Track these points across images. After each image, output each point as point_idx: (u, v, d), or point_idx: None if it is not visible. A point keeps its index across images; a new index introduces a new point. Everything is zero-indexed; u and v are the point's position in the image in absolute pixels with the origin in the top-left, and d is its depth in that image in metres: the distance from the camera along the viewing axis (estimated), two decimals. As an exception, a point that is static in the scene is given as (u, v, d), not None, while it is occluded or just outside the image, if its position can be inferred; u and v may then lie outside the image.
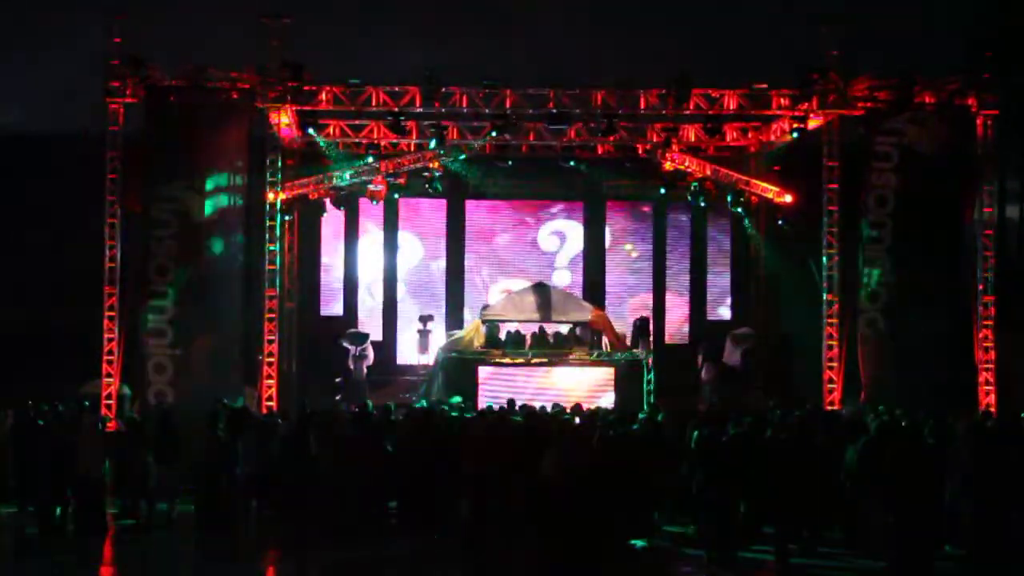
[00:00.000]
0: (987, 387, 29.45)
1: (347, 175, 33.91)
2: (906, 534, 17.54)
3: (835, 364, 29.68)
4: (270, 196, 30.26)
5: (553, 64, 33.85)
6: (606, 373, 32.08)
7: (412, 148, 34.66)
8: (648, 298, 39.14)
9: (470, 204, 38.90)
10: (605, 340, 33.56)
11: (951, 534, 18.87)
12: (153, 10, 30.89)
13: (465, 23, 37.15)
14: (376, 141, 34.16)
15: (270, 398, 29.27)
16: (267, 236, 30.06)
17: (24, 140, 35.26)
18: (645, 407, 28.87)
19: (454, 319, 37.96)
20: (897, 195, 29.72)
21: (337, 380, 34.00)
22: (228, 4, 34.33)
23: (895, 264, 29.72)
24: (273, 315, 29.85)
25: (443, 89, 30.18)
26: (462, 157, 34.66)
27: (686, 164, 34.28)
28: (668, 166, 34.49)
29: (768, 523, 19.94)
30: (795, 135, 30.95)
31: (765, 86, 30.78)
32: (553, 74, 31.41)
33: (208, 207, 29.11)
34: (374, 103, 30.52)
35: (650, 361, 33.70)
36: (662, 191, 36.23)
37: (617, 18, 37.77)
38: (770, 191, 34.33)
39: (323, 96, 30.34)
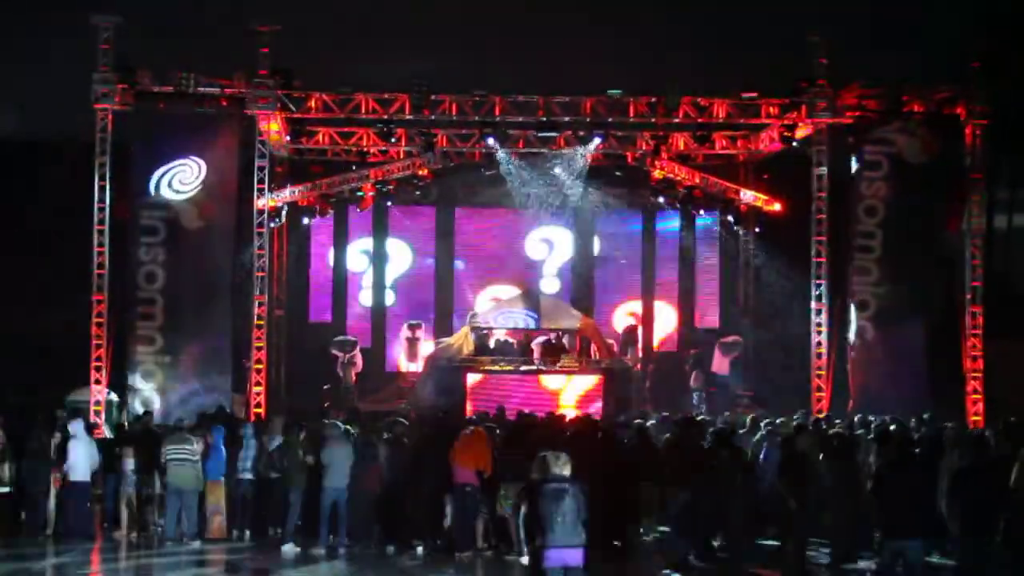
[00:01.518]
0: (975, 396, 29.50)
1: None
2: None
3: (823, 372, 29.70)
4: (259, 203, 30.24)
5: (542, 72, 33.83)
6: (594, 381, 32.06)
7: (401, 156, 34.66)
8: (637, 306, 39.12)
9: (459, 211, 38.89)
10: (593, 347, 33.56)
11: (940, 541, 18.90)
12: (143, 17, 30.81)
13: (455, 31, 37.15)
14: (366, 148, 34.17)
15: (258, 405, 29.24)
16: (256, 243, 30.04)
17: (13, 145, 35.23)
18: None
19: (443, 326, 37.93)
20: (887, 205, 29.78)
21: (325, 387, 33.97)
22: (218, 11, 34.29)
23: (885, 274, 29.76)
24: (262, 322, 29.82)
25: (432, 97, 30.21)
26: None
27: (675, 172, 34.31)
28: (657, 174, 34.49)
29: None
30: (793, 144, 31.07)
31: (755, 95, 30.83)
32: (542, 82, 31.44)
33: (197, 214, 29.11)
34: (363, 110, 30.56)
35: (638, 368, 33.80)
36: (651, 199, 36.34)
37: (607, 27, 37.80)
38: (759, 199, 34.40)
39: (312, 103, 30.39)
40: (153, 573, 20.49)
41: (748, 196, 34.58)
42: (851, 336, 29.95)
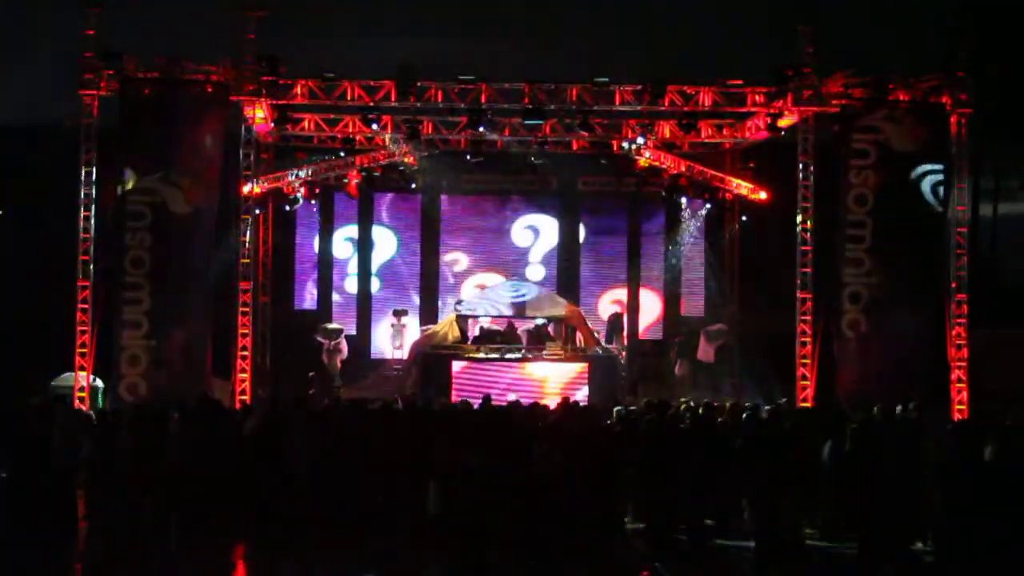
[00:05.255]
0: (959, 384, 29.56)
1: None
2: (875, 525, 17.79)
3: (808, 361, 29.71)
4: (245, 189, 30.23)
5: (528, 59, 33.82)
6: (579, 368, 32.09)
7: (387, 142, 34.65)
8: (622, 293, 39.18)
9: (444, 198, 38.94)
10: (578, 335, 33.57)
11: (924, 528, 19.00)
12: (128, 3, 30.75)
13: (440, 18, 37.15)
14: (351, 135, 34.17)
15: (243, 392, 29.24)
16: (241, 229, 30.03)
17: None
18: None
19: (428, 314, 37.97)
20: (876, 193, 29.73)
21: (311, 374, 33.98)
22: (203, -3, 34.31)
23: (876, 264, 29.71)
24: (247, 308, 29.79)
25: (418, 83, 30.18)
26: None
27: (661, 160, 34.34)
28: (643, 162, 34.54)
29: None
30: (782, 133, 31.05)
31: (740, 83, 30.83)
32: (528, 70, 31.38)
33: (183, 199, 29.01)
34: (349, 97, 30.52)
35: (623, 356, 33.80)
36: (636, 187, 36.43)
37: (592, 13, 37.84)
38: (744, 188, 34.44)
39: (298, 90, 30.31)
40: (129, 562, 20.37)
41: (733, 184, 34.62)
42: (842, 326, 29.84)
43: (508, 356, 32.19)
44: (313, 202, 36.58)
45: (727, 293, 37.45)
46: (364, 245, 38.81)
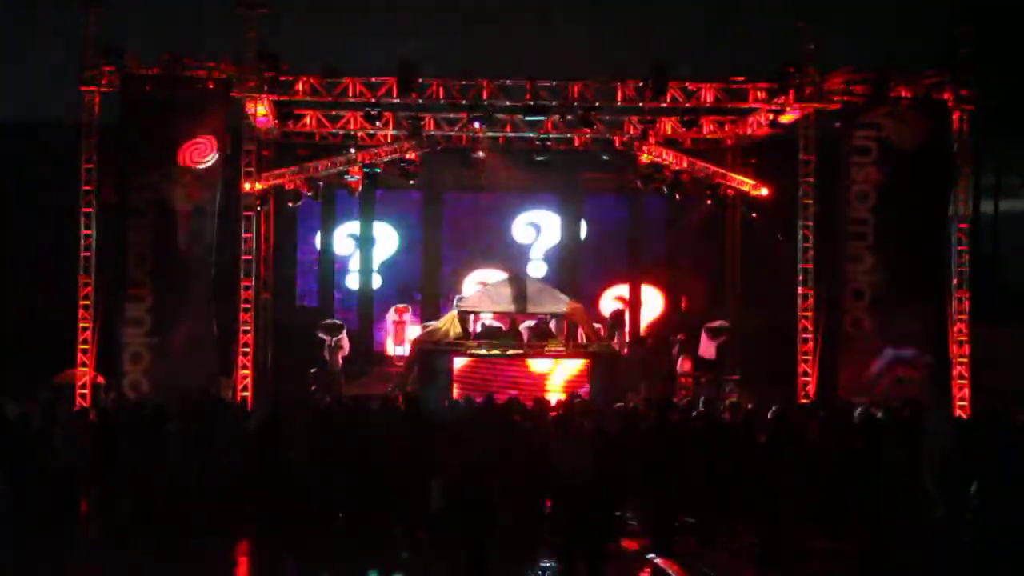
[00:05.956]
0: (961, 380, 29.55)
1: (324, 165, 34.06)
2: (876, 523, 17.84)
3: (809, 357, 29.71)
4: (246, 186, 30.23)
5: (530, 56, 33.82)
6: (581, 365, 32.04)
7: (389, 139, 34.66)
8: (624, 290, 39.19)
9: (446, 195, 38.94)
10: (580, 332, 33.54)
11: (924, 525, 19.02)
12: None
13: (442, 14, 37.16)
14: (353, 132, 34.17)
15: (245, 388, 29.23)
16: (243, 226, 30.03)
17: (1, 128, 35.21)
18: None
19: (430, 310, 37.95)
20: (878, 190, 29.70)
21: (312, 371, 33.96)
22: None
23: (879, 261, 29.67)
24: (249, 305, 29.80)
25: (420, 80, 30.16)
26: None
27: (663, 157, 34.31)
28: (645, 159, 34.50)
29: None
30: (784, 129, 31.02)
31: (742, 79, 30.81)
32: (530, 66, 31.36)
33: (185, 196, 29.00)
34: (351, 94, 30.49)
35: (625, 353, 33.76)
36: (638, 184, 36.41)
37: (594, 10, 37.83)
38: (746, 184, 34.41)
39: (299, 86, 30.31)
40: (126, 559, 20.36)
41: (735, 180, 34.59)
42: (845, 323, 29.79)
43: (509, 352, 32.16)
44: (315, 198, 36.51)
45: (728, 290, 37.40)
46: (366, 241, 38.84)
